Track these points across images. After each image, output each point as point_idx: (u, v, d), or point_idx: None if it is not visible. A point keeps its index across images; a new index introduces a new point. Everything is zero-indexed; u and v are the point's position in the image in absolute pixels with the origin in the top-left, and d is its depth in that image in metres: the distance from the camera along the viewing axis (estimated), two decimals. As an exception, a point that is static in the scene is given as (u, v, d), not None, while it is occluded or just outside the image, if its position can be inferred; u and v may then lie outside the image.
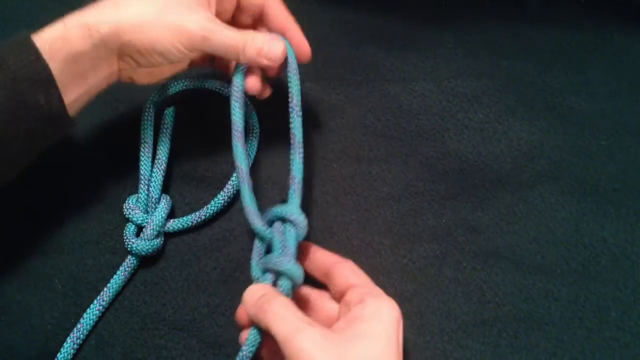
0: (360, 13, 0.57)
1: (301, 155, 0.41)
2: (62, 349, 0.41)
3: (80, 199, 0.47)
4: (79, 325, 0.42)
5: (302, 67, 0.47)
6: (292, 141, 0.41)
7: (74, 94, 0.39)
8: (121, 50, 0.39)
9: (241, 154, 0.41)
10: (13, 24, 0.57)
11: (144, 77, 0.44)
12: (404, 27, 0.56)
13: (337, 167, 0.48)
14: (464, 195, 0.47)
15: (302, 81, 0.42)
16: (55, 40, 0.37)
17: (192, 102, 0.51)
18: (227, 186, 0.47)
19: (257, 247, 0.40)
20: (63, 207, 0.47)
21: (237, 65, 0.42)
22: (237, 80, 0.42)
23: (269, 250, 0.40)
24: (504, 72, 0.53)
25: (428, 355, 0.41)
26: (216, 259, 0.45)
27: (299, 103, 0.42)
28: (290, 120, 0.41)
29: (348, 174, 0.48)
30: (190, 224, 0.46)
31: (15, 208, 0.47)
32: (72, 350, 0.41)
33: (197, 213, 0.46)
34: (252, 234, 0.41)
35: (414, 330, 0.42)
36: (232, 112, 0.42)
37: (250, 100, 0.50)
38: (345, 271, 0.38)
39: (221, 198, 0.46)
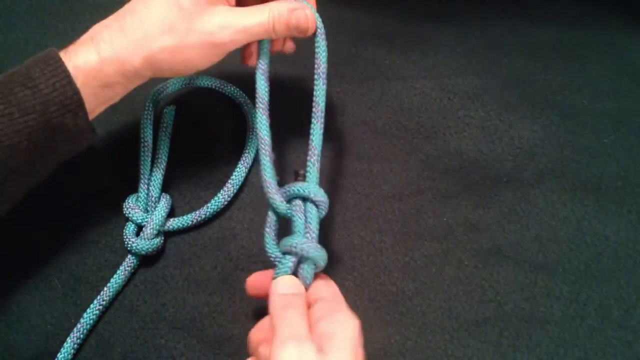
0: (360, 11, 0.57)
1: (322, 126, 0.40)
2: (62, 348, 0.41)
3: (79, 198, 0.47)
4: (79, 325, 0.42)
5: (303, 67, 0.47)
6: (314, 109, 0.40)
7: (98, 112, 0.40)
8: (154, 74, 0.40)
9: (265, 125, 0.40)
10: (14, 22, 0.57)
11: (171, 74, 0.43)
12: (404, 24, 0.56)
13: (337, 165, 0.48)
14: (465, 193, 0.47)
15: (301, 80, 0.42)
16: (90, 71, 0.38)
17: (192, 101, 0.51)
18: (227, 185, 0.47)
19: (271, 220, 0.39)
20: (63, 207, 0.47)
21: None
22: (263, 53, 0.42)
23: (282, 225, 0.39)
24: (505, 70, 0.53)
25: (429, 354, 0.41)
26: (216, 258, 0.45)
27: (326, 70, 0.41)
28: (315, 87, 0.40)
29: (349, 172, 0.48)
30: (190, 223, 0.45)
31: (15, 208, 0.46)
32: (72, 350, 0.41)
33: (197, 212, 0.46)
34: (253, 229, 0.40)
35: (415, 329, 0.42)
36: (257, 84, 0.41)
37: (250, 99, 0.50)
38: (313, 285, 0.37)
39: (221, 197, 0.46)
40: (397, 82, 0.52)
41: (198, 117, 0.51)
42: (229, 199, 0.46)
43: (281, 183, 0.40)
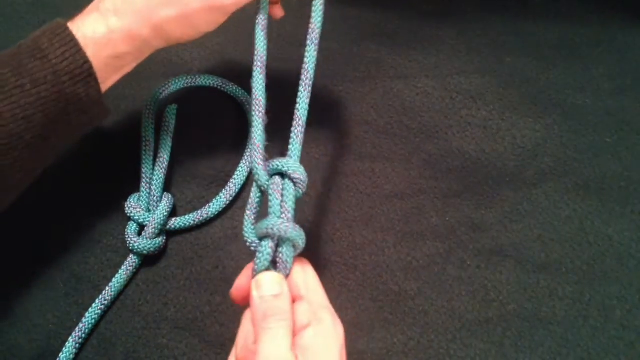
0: (362, 9, 0.56)
1: (309, 94, 0.37)
2: (64, 348, 0.41)
3: (81, 198, 0.47)
4: (81, 325, 0.42)
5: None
6: (302, 76, 0.38)
7: (111, 82, 0.40)
8: (167, 43, 0.40)
9: (261, 85, 0.38)
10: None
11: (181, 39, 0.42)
12: (406, 23, 0.55)
13: (339, 164, 0.48)
14: (468, 193, 0.47)
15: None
16: (99, 40, 0.37)
17: (194, 100, 0.51)
18: (229, 184, 0.47)
19: (253, 201, 0.37)
20: (64, 206, 0.47)
21: None
22: (262, 8, 0.41)
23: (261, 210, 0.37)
24: (508, 69, 0.52)
25: (432, 354, 0.41)
26: (218, 258, 0.45)
27: (319, 36, 0.39)
28: (306, 52, 0.38)
29: (351, 172, 0.48)
30: (192, 222, 0.45)
31: (17, 207, 0.46)
32: (74, 350, 0.41)
33: (199, 211, 0.46)
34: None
35: (418, 329, 0.42)
36: (256, 40, 0.40)
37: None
38: (294, 278, 0.35)
39: (223, 196, 0.46)
40: (399, 81, 0.52)
41: (200, 116, 0.51)
42: (231, 198, 0.46)
43: (270, 148, 0.38)
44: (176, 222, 0.45)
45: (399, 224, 0.45)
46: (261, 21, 0.40)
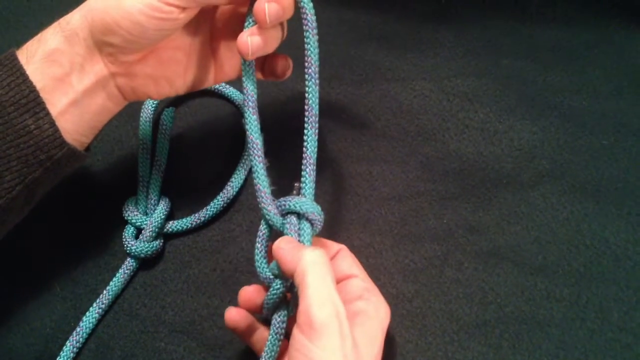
0: (359, 12, 0.56)
1: (316, 132, 0.36)
2: (61, 352, 0.41)
3: (78, 201, 0.47)
4: (78, 329, 0.42)
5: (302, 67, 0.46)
6: (307, 115, 0.36)
7: (61, 104, 0.36)
8: (95, 37, 0.36)
9: (255, 125, 0.37)
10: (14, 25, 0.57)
11: (150, 86, 0.39)
12: (403, 26, 0.55)
13: (337, 167, 0.48)
14: (465, 195, 0.47)
15: (301, 81, 0.41)
16: (32, 43, 0.36)
17: (191, 103, 0.51)
18: (226, 187, 0.47)
19: (263, 235, 0.37)
20: (61, 209, 0.47)
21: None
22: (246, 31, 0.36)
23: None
24: (505, 71, 0.53)
25: (429, 357, 0.41)
26: (216, 261, 0.45)
27: (317, 70, 0.36)
28: (307, 89, 0.36)
29: (348, 174, 0.48)
30: (189, 225, 0.45)
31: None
32: (71, 354, 0.41)
33: (196, 214, 0.46)
34: (253, 232, 0.39)
35: (415, 332, 0.42)
36: (245, 80, 0.37)
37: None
38: (346, 260, 0.38)
39: (220, 199, 0.46)
40: (397, 84, 0.52)
41: (197, 119, 0.51)
42: (228, 201, 0.46)
43: (276, 192, 0.38)
44: (173, 225, 0.45)
45: (397, 226, 0.46)
46: (250, 63, 0.37)
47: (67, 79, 0.36)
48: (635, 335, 0.41)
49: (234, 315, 0.38)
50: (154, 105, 0.49)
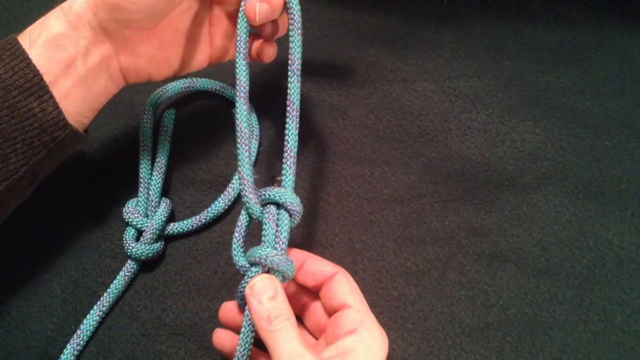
0: (361, 13, 0.56)
1: (297, 126, 0.37)
2: (62, 355, 0.41)
3: (79, 203, 0.47)
4: (79, 332, 0.42)
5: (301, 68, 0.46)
6: (288, 109, 0.37)
7: (65, 87, 0.36)
8: (99, 17, 0.37)
9: (244, 114, 0.37)
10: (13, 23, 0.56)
11: (152, 67, 0.41)
12: (405, 27, 0.55)
13: (338, 169, 0.48)
14: (467, 197, 0.46)
15: (302, 82, 0.41)
16: (33, 28, 0.36)
17: (192, 104, 0.51)
18: (227, 189, 0.46)
19: (242, 224, 0.37)
20: (62, 211, 0.46)
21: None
22: (241, 30, 0.39)
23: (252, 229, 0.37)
24: (507, 72, 0.52)
25: (432, 360, 0.41)
26: (217, 263, 0.45)
27: (300, 67, 0.38)
28: (289, 84, 0.38)
29: (350, 176, 0.48)
30: (190, 227, 0.45)
31: (13, 212, 0.46)
32: (72, 357, 0.41)
33: (197, 216, 0.45)
34: (254, 233, 0.38)
35: (417, 334, 0.41)
36: (238, 69, 0.38)
37: (250, 102, 0.50)
38: (341, 288, 0.36)
39: (221, 201, 0.46)
40: (398, 85, 0.52)
41: (198, 120, 0.50)
42: (229, 203, 0.46)
43: (257, 183, 0.38)
44: (174, 227, 0.45)
45: (398, 228, 0.45)
46: (242, 49, 0.38)
47: (72, 63, 0.37)
48: (639, 338, 0.41)
49: (222, 338, 0.38)
50: (154, 107, 0.48)
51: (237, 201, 0.47)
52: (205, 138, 0.50)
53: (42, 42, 0.36)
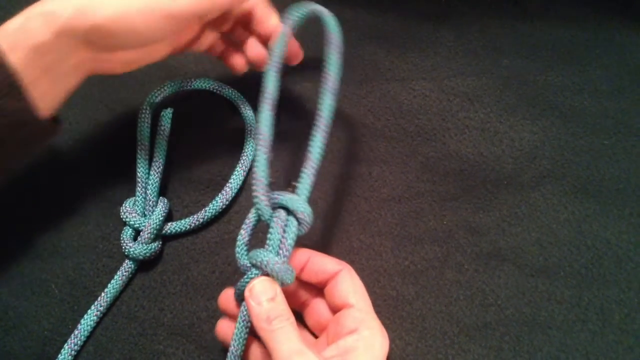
0: (359, 12, 0.56)
1: (324, 139, 0.37)
2: (59, 355, 0.41)
3: (76, 202, 0.47)
4: (76, 331, 0.42)
5: (301, 67, 0.46)
6: (317, 122, 0.38)
7: (41, 89, 0.36)
8: (88, 35, 0.36)
9: (268, 121, 0.37)
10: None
11: (119, 67, 0.41)
12: (403, 25, 0.55)
13: (336, 167, 0.48)
14: (465, 196, 0.46)
15: (300, 81, 0.41)
16: (15, 32, 0.35)
17: (190, 103, 0.51)
18: (225, 188, 0.46)
19: (250, 223, 0.37)
20: (59, 211, 0.46)
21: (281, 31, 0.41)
22: (277, 45, 0.39)
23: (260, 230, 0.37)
24: (505, 71, 0.52)
25: (430, 359, 0.41)
26: (215, 263, 0.45)
27: (336, 86, 0.38)
28: (322, 101, 0.38)
29: (347, 175, 0.48)
30: (188, 227, 0.45)
31: (11, 212, 0.46)
32: (69, 357, 0.41)
33: (195, 216, 0.45)
34: (252, 233, 0.39)
35: (416, 334, 0.41)
36: (267, 78, 0.38)
37: (248, 101, 0.50)
38: (344, 287, 0.36)
39: (219, 200, 0.46)
40: (396, 84, 0.52)
41: (196, 119, 0.50)
42: (227, 202, 0.46)
43: (271, 188, 0.38)
44: (172, 227, 0.45)
45: (396, 227, 0.45)
46: (275, 63, 0.39)
47: (50, 69, 0.36)
48: (637, 337, 0.41)
49: (225, 329, 0.38)
50: (152, 107, 0.48)
51: (235, 201, 0.47)
52: (202, 137, 0.50)
53: (24, 47, 0.35)
